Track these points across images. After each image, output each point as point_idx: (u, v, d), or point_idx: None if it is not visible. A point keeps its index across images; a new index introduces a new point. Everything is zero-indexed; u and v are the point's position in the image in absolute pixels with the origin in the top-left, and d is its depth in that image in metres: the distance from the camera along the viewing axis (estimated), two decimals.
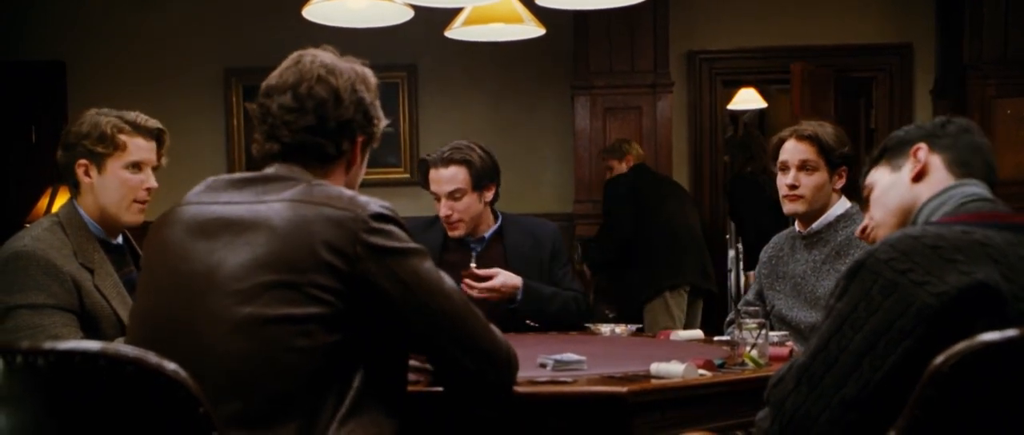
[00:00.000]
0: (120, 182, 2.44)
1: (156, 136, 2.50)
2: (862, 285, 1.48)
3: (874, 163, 1.82)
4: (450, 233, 3.14)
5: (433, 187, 3.12)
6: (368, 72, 1.90)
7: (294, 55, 1.86)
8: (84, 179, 2.44)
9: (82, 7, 6.35)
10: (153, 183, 2.49)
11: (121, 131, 2.44)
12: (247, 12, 6.29)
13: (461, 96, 6.39)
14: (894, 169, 1.76)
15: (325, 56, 1.85)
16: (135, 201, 2.45)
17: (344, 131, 1.83)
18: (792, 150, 2.88)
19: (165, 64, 6.33)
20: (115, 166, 2.44)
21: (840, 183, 2.88)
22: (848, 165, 2.88)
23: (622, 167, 5.53)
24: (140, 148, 2.47)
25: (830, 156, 2.84)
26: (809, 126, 2.90)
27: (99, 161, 2.43)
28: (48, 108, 6.31)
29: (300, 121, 1.78)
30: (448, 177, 3.10)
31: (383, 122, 1.91)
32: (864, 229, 1.86)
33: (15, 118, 6.31)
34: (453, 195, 3.09)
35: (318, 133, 1.79)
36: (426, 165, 3.14)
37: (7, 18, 6.29)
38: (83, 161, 2.43)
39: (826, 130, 2.88)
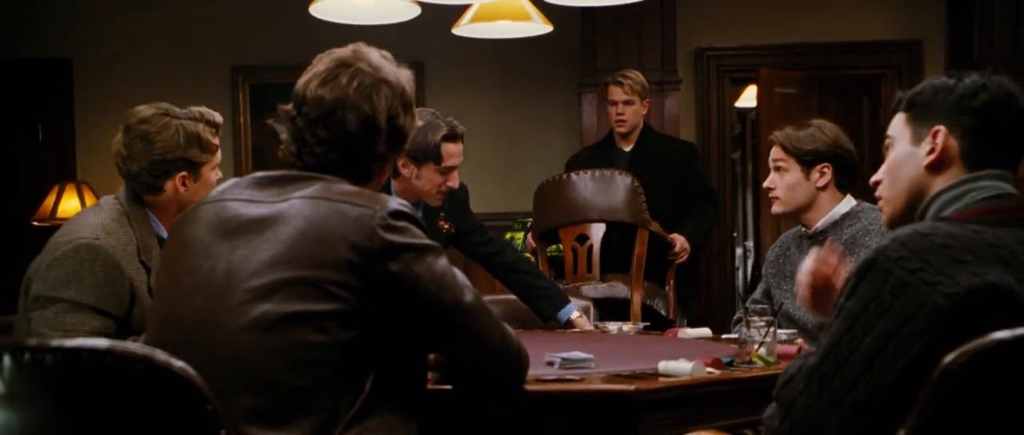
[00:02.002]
0: (209, 185, 2.40)
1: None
2: (873, 284, 1.47)
3: (898, 109, 1.72)
4: (438, 202, 3.16)
5: (452, 161, 3.07)
6: (406, 80, 1.86)
7: (332, 63, 1.80)
8: (180, 189, 2.37)
9: (89, 4, 6.35)
10: (220, 172, 2.48)
11: (213, 135, 2.41)
12: (254, 10, 6.28)
13: (468, 93, 6.38)
14: (914, 138, 1.67)
15: (365, 66, 1.80)
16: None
17: (375, 161, 1.83)
18: (771, 153, 2.96)
19: (172, 62, 6.33)
20: (207, 171, 2.42)
21: (822, 180, 2.87)
22: (829, 161, 2.87)
23: (644, 110, 4.67)
24: (218, 147, 2.46)
25: (797, 154, 2.87)
26: (785, 129, 2.94)
27: (196, 170, 2.39)
28: (54, 106, 6.31)
29: (329, 155, 1.78)
30: (461, 151, 3.11)
31: (416, 126, 1.90)
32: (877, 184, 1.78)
33: (21, 116, 6.32)
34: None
35: (345, 167, 1.79)
36: (455, 136, 3.08)
37: (13, 16, 6.30)
38: (183, 173, 2.37)
39: (798, 132, 2.90)
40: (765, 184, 2.96)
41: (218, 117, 2.46)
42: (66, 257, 2.24)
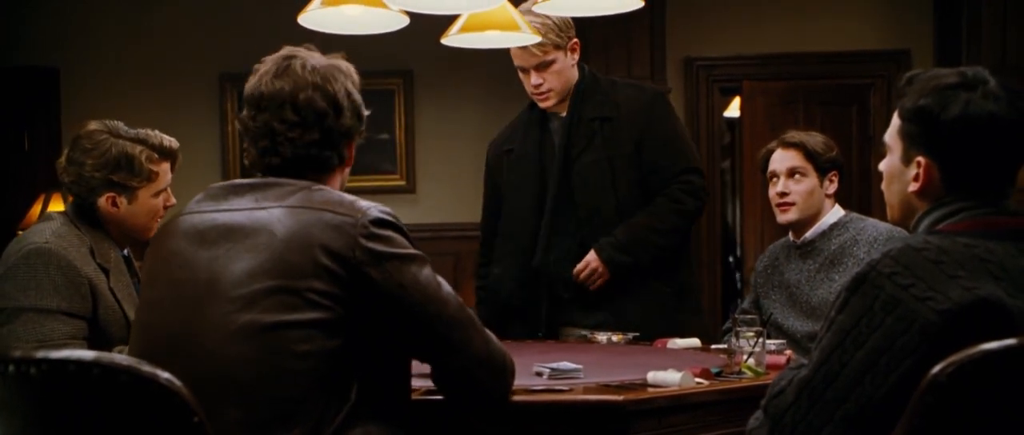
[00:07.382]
0: (149, 209, 2.40)
1: (175, 157, 2.47)
2: (864, 299, 1.47)
3: (898, 109, 1.65)
4: None
5: None
6: (351, 67, 1.89)
7: (278, 60, 1.82)
8: (109, 209, 2.36)
9: (75, 13, 6.33)
10: (173, 200, 2.47)
11: (152, 160, 2.39)
12: (242, 18, 6.27)
13: (457, 103, 6.38)
14: (904, 157, 1.64)
15: (311, 58, 1.82)
16: (155, 219, 2.44)
17: (345, 139, 1.83)
18: (780, 159, 2.92)
19: (159, 70, 6.31)
20: (146, 195, 2.39)
21: (832, 187, 2.90)
22: (838, 169, 2.90)
23: (573, 59, 3.27)
24: (166, 173, 2.44)
25: (818, 161, 2.88)
26: (794, 134, 2.95)
27: (130, 193, 2.37)
28: (41, 115, 6.28)
29: (305, 137, 1.77)
30: None
31: (366, 113, 1.91)
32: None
33: (8, 125, 6.29)
34: None
35: (323, 146, 1.79)
36: None
37: (0, 25, 6.27)
38: (110, 194, 2.36)
39: (812, 137, 2.93)
40: (779, 190, 2.89)
41: (168, 142, 2.44)
42: (18, 265, 2.23)
